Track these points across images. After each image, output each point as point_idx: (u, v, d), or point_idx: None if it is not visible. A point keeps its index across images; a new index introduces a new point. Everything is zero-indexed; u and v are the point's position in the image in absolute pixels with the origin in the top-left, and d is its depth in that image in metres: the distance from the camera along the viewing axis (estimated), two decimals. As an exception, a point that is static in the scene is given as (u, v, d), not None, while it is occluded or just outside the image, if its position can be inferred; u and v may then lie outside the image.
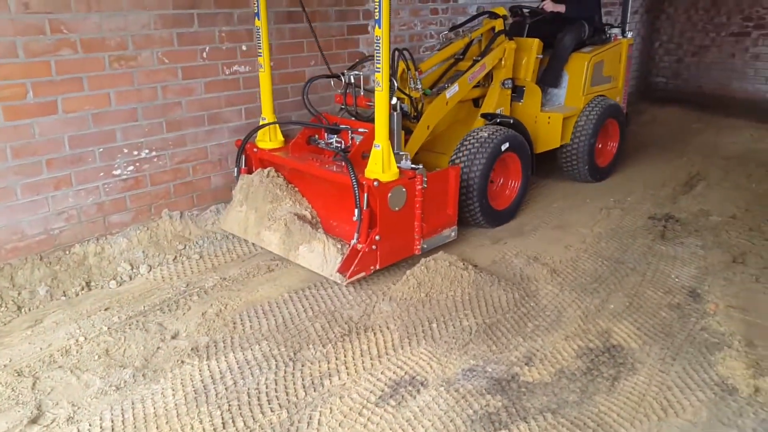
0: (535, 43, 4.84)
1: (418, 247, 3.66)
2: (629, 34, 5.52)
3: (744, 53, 8.43)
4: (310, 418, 2.43)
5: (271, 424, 2.40)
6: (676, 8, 8.99)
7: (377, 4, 3.20)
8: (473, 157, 4.06)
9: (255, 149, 4.03)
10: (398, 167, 3.47)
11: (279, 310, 3.23)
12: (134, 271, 3.63)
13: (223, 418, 2.43)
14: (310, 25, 4.34)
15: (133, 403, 2.52)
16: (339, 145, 3.97)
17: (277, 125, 4.09)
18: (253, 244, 3.96)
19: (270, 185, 3.85)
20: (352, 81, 4.04)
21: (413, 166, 3.58)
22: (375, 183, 3.28)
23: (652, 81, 9.37)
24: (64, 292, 3.38)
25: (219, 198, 4.32)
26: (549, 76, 5.04)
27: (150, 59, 3.74)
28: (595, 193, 5.02)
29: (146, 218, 3.95)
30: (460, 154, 4.11)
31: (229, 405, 2.50)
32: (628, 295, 3.40)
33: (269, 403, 2.51)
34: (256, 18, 3.85)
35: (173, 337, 2.98)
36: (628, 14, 5.74)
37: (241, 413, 2.46)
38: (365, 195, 3.32)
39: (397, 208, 3.43)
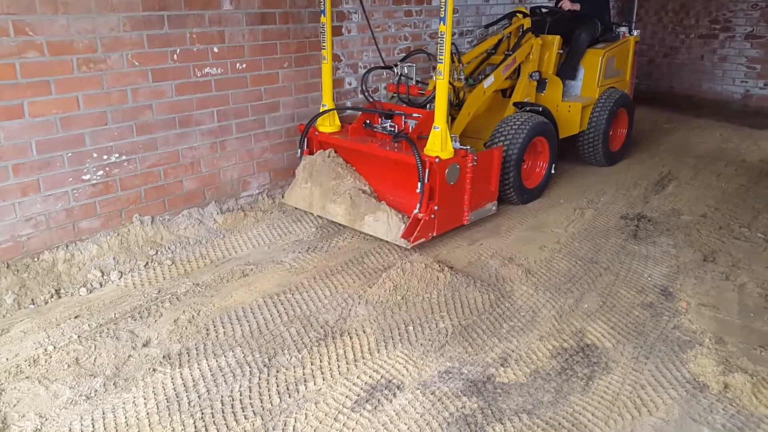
0: (556, 40, 5.33)
1: (467, 217, 4.17)
2: (635, 32, 5.98)
3: (712, 55, 8.61)
4: (285, 425, 2.40)
5: (245, 431, 2.37)
6: (646, 10, 9.14)
7: (443, 3, 3.54)
8: (510, 139, 4.53)
9: (316, 133, 4.47)
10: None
11: (253, 315, 3.19)
12: (105, 277, 3.56)
13: (196, 427, 2.39)
14: (368, 22, 4.89)
15: (104, 413, 2.47)
16: (393, 128, 4.35)
17: (335, 111, 4.54)
18: (225, 249, 3.91)
19: (332, 164, 4.33)
20: (405, 72, 4.50)
21: (462, 146, 4.02)
22: (436, 160, 3.76)
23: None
24: (32, 300, 3.30)
25: (191, 202, 4.26)
26: (567, 70, 5.50)
27: (119, 62, 3.68)
28: (570, 193, 5.07)
29: (117, 224, 3.88)
30: (499, 137, 4.57)
31: (203, 413, 2.46)
32: (602, 294, 3.43)
33: (243, 411, 2.48)
34: (322, 15, 4.26)
35: (145, 345, 2.93)
36: (635, 13, 6.19)
37: (214, 421, 2.42)
38: (426, 171, 3.74)
39: (452, 183, 3.92)
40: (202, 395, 2.57)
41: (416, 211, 3.83)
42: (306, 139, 4.50)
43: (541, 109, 4.94)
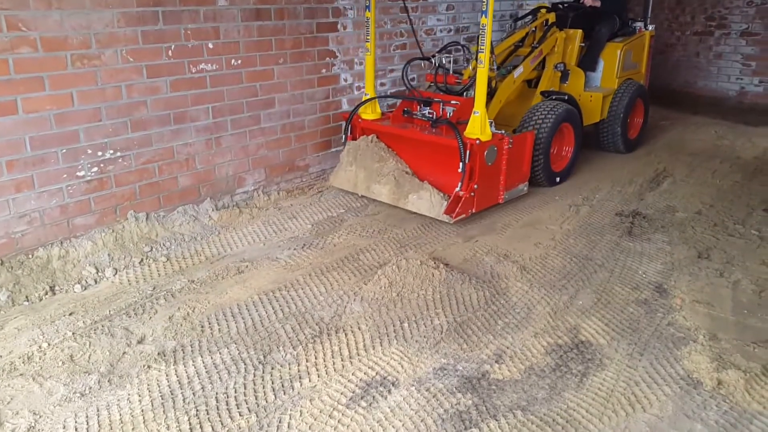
0: (578, 33, 5.69)
1: (502, 196, 4.53)
2: (651, 27, 6.33)
3: (708, 52, 8.62)
4: (280, 422, 2.40)
5: (240, 428, 2.37)
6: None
7: None
8: (540, 125, 4.83)
9: (359, 120, 4.84)
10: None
11: (248, 312, 3.19)
12: (99, 274, 3.55)
13: (190, 424, 2.39)
14: (409, 16, 5.33)
15: (98, 410, 2.46)
16: (431, 115, 4.64)
17: (376, 100, 4.89)
18: (220, 246, 3.91)
19: (375, 148, 4.68)
20: (443, 62, 4.90)
21: (497, 131, 4.36)
22: (477, 142, 4.11)
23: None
24: (26, 297, 3.29)
25: (186, 198, 4.25)
26: (587, 62, 5.82)
27: (114, 58, 3.66)
28: (565, 190, 5.07)
29: (111, 220, 3.87)
30: (529, 123, 4.88)
31: (197, 410, 2.46)
32: (596, 291, 3.44)
33: (238, 408, 2.48)
34: (367, 10, 4.66)
35: (139, 342, 2.92)
36: (650, 9, 6.43)
37: (209, 418, 2.42)
38: (467, 152, 4.08)
39: (490, 164, 4.27)
40: (196, 392, 2.57)
41: (458, 189, 4.18)
42: (350, 126, 4.86)
43: (566, 98, 5.24)
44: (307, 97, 4.92)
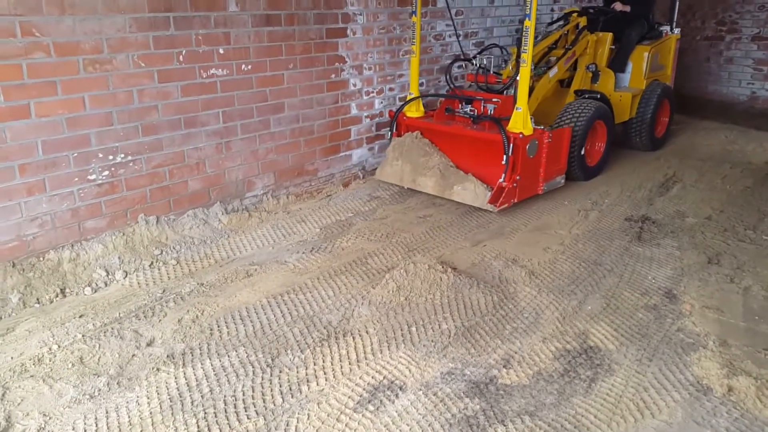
0: (608, 36, 5.95)
1: (541, 187, 4.80)
2: (676, 31, 6.65)
3: (718, 57, 8.57)
4: (287, 425, 2.41)
5: (248, 431, 2.38)
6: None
7: (528, 2, 4.18)
8: (576, 121, 5.09)
9: (404, 117, 5.18)
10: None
11: (257, 315, 3.20)
12: (110, 277, 3.58)
13: (198, 426, 2.40)
14: (451, 16, 5.68)
15: (107, 412, 2.48)
16: (473, 112, 4.94)
17: (419, 99, 5.24)
18: (230, 249, 3.93)
19: (419, 144, 5.01)
20: (485, 63, 5.23)
21: (537, 126, 4.63)
22: (520, 135, 4.39)
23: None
24: (37, 299, 3.32)
25: (196, 202, 4.28)
26: (617, 64, 6.11)
27: (125, 63, 3.70)
28: (575, 194, 5.06)
29: (122, 223, 3.89)
30: (566, 119, 5.13)
31: (206, 413, 2.47)
32: (605, 296, 3.42)
33: (246, 411, 2.49)
34: (413, 15, 4.99)
35: (149, 345, 2.94)
36: (676, 13, 6.68)
37: (217, 421, 2.43)
38: (511, 145, 4.36)
39: (531, 156, 4.55)
40: (205, 395, 2.58)
41: (501, 180, 4.45)
42: (395, 123, 5.19)
43: (599, 96, 5.51)
44: (316, 102, 4.94)
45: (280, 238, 4.21)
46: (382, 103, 5.58)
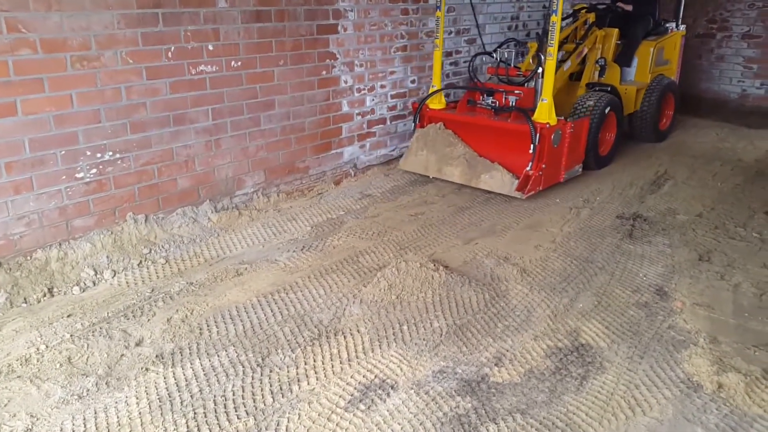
0: (614, 32, 6.16)
1: (563, 176, 5.07)
2: (682, 27, 6.89)
3: (709, 54, 8.60)
4: (278, 425, 2.39)
5: (238, 431, 2.36)
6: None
7: None
8: (591, 112, 5.32)
9: (427, 109, 5.43)
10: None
11: (247, 314, 3.18)
12: (98, 276, 3.54)
13: (188, 427, 2.38)
14: (475, 16, 6.01)
15: (95, 413, 2.45)
16: (494, 104, 5.17)
17: (441, 92, 5.48)
18: (219, 248, 3.90)
19: (444, 134, 5.26)
20: (505, 56, 5.53)
21: (558, 116, 4.83)
22: (547, 125, 4.65)
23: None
24: (25, 298, 3.28)
25: (185, 200, 4.24)
26: (623, 58, 6.34)
27: (113, 59, 3.65)
28: (566, 192, 5.06)
29: (110, 222, 3.86)
30: (582, 110, 5.36)
31: (195, 413, 2.45)
32: (597, 294, 3.42)
33: (236, 410, 2.47)
34: (438, 9, 5.30)
35: (138, 344, 2.91)
36: (681, 10, 6.88)
37: (207, 421, 2.41)
38: (538, 135, 4.59)
39: (555, 146, 4.80)
40: (194, 395, 2.56)
41: (528, 168, 4.69)
42: (419, 115, 5.42)
43: (609, 89, 5.73)
44: (307, 99, 4.91)
45: (271, 237, 4.18)
46: (373, 100, 5.56)
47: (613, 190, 5.14)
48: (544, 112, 4.73)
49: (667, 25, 6.80)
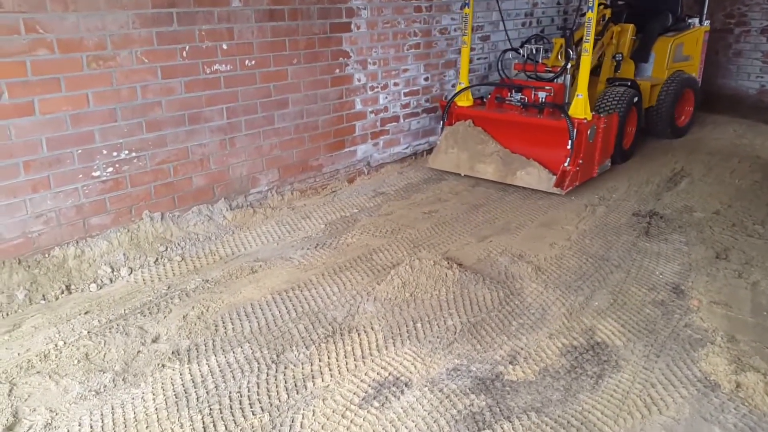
0: (630, 27, 6.13)
1: (596, 171, 5.09)
2: (706, 23, 6.81)
3: (727, 50, 8.49)
4: (293, 421, 2.40)
5: (253, 427, 2.37)
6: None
7: None
8: (617, 106, 5.31)
9: (456, 106, 5.46)
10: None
11: (262, 311, 3.20)
12: (115, 273, 3.58)
13: (204, 423, 2.39)
14: (501, 14, 6.10)
15: (113, 408, 2.48)
16: (523, 100, 5.18)
17: (469, 89, 5.54)
18: (234, 246, 3.92)
19: (474, 132, 5.26)
20: (534, 53, 5.53)
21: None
22: (585, 121, 4.68)
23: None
24: (43, 295, 3.33)
25: (200, 198, 4.27)
26: (640, 54, 6.36)
27: (129, 59, 3.69)
28: (581, 189, 5.03)
29: (127, 220, 3.90)
30: (609, 105, 5.33)
31: (211, 409, 2.47)
32: (613, 292, 3.40)
33: (251, 407, 2.48)
34: (466, 6, 5.36)
35: (154, 341, 2.94)
36: (705, 6, 6.82)
37: (222, 417, 2.43)
38: (575, 131, 4.63)
39: (591, 141, 4.83)
40: (210, 391, 2.58)
41: (566, 164, 4.71)
42: (447, 112, 5.46)
43: (629, 83, 5.77)
44: (320, 98, 4.92)
45: (285, 234, 4.20)
46: (386, 98, 5.56)
47: (629, 188, 5.10)
48: (580, 108, 4.73)
49: (690, 21, 6.73)
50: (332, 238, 4.12)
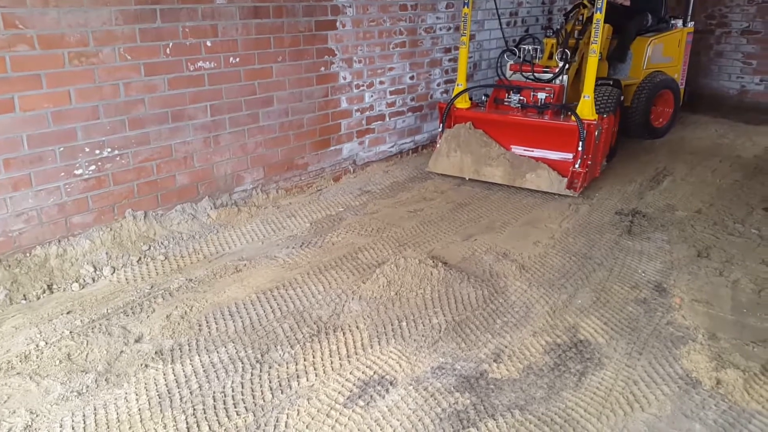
0: (607, 27, 5.94)
1: (599, 170, 5.14)
2: (690, 24, 6.84)
3: (708, 50, 8.60)
4: (277, 421, 2.39)
5: (237, 427, 2.36)
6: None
7: None
8: (606, 107, 5.20)
9: (455, 109, 5.33)
10: None
11: (246, 311, 3.18)
12: (97, 273, 3.54)
13: (187, 423, 2.38)
14: (498, 13, 6.12)
15: (95, 409, 2.45)
16: (521, 101, 5.16)
17: (467, 91, 5.41)
18: (218, 245, 3.90)
19: (476, 134, 5.15)
20: (530, 53, 5.47)
21: None
22: (594, 122, 4.68)
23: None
24: (24, 295, 3.28)
25: (184, 197, 4.24)
26: (617, 53, 6.38)
27: (111, 56, 3.64)
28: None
29: (109, 219, 3.85)
30: (600, 105, 5.15)
31: (194, 409, 2.45)
32: (595, 290, 3.43)
33: (235, 407, 2.47)
34: (465, 6, 5.26)
35: (137, 341, 2.92)
36: (690, 8, 6.86)
37: (206, 417, 2.41)
38: (585, 132, 4.62)
39: (597, 142, 4.83)
40: (194, 391, 2.56)
41: (576, 166, 4.74)
42: (446, 115, 5.34)
43: (611, 82, 5.75)
44: (305, 96, 4.91)
45: (270, 233, 4.18)
46: (372, 96, 5.55)
47: (612, 187, 5.14)
48: (587, 109, 4.74)
49: (674, 22, 6.74)
50: (317, 237, 4.11)
